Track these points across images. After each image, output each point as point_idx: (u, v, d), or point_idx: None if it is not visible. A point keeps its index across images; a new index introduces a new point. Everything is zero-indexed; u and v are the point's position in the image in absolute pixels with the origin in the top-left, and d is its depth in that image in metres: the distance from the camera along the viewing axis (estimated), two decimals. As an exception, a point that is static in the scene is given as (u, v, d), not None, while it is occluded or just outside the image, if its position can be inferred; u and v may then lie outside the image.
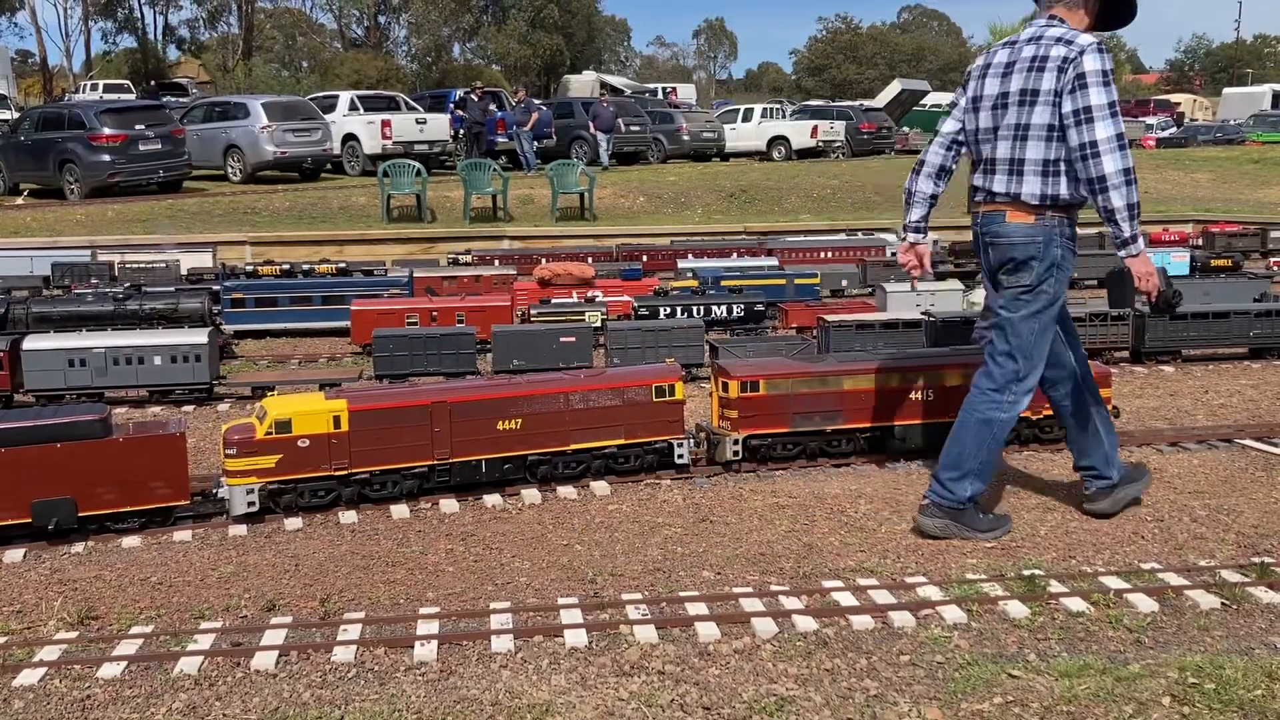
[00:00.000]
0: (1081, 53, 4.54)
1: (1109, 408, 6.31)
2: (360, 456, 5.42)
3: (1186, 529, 5.05)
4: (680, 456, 5.92)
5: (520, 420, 5.65)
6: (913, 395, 6.06)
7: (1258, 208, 19.34)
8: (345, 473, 5.41)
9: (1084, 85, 4.52)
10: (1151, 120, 44.41)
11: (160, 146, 20.37)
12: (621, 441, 5.83)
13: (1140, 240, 4.70)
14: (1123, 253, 4.69)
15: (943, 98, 43.05)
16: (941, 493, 4.91)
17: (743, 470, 5.97)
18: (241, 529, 5.19)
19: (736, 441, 5.93)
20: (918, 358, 6.36)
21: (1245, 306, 8.76)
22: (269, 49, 58.18)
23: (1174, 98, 58.28)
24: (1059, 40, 4.64)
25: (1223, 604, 4.21)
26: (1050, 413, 6.17)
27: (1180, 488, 5.63)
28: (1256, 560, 4.60)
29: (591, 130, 25.58)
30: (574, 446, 5.75)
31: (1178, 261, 12.34)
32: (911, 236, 5.17)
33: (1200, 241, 14.56)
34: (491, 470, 5.64)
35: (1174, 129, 43.76)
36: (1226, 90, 52.66)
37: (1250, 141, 34.78)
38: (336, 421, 5.37)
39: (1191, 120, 48.90)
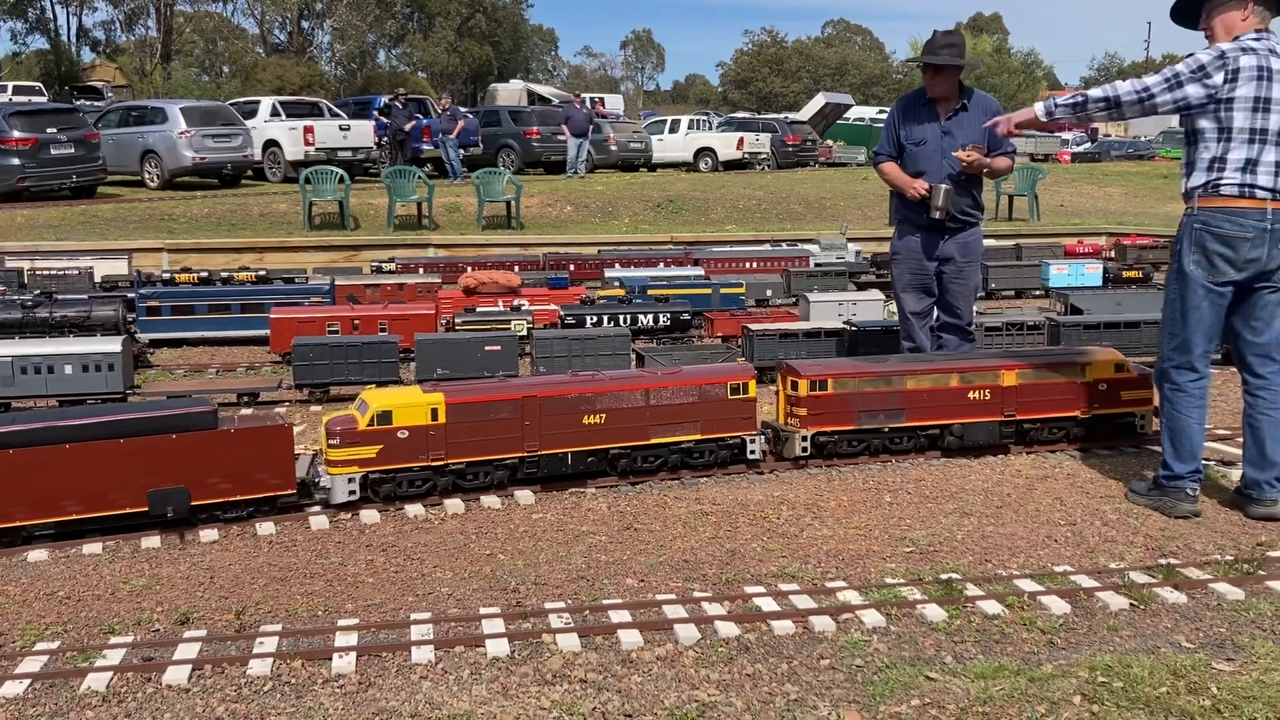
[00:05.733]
0: None
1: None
2: (455, 448, 5.57)
3: (1098, 532, 5.18)
4: (752, 452, 6.08)
5: (604, 415, 5.80)
6: (971, 395, 6.32)
7: (1167, 220, 19.94)
8: (441, 463, 5.57)
9: None
10: (1067, 136, 45.61)
11: (73, 151, 19.86)
12: (698, 437, 5.98)
13: None
14: None
15: (865, 111, 43.69)
16: None
17: (809, 466, 6.15)
18: (155, 540, 5.06)
19: (805, 438, 6.11)
20: (976, 359, 6.61)
21: (1155, 316, 8.97)
22: (189, 53, 57.09)
23: (1088, 114, 59.77)
24: None
25: (1131, 605, 4.32)
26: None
27: (1092, 492, 5.77)
28: (1163, 562, 4.74)
29: (565, 135, 25.14)
30: (653, 441, 5.89)
31: (1091, 273, 12.68)
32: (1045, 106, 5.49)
33: (1113, 253, 14.96)
34: (576, 463, 5.79)
35: (1088, 144, 45.05)
36: (1138, 107, 54.24)
37: (1160, 157, 35.94)
38: (434, 414, 5.53)
39: (1105, 136, 50.30)
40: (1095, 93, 5.35)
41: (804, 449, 6.12)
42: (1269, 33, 5.24)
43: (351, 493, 5.41)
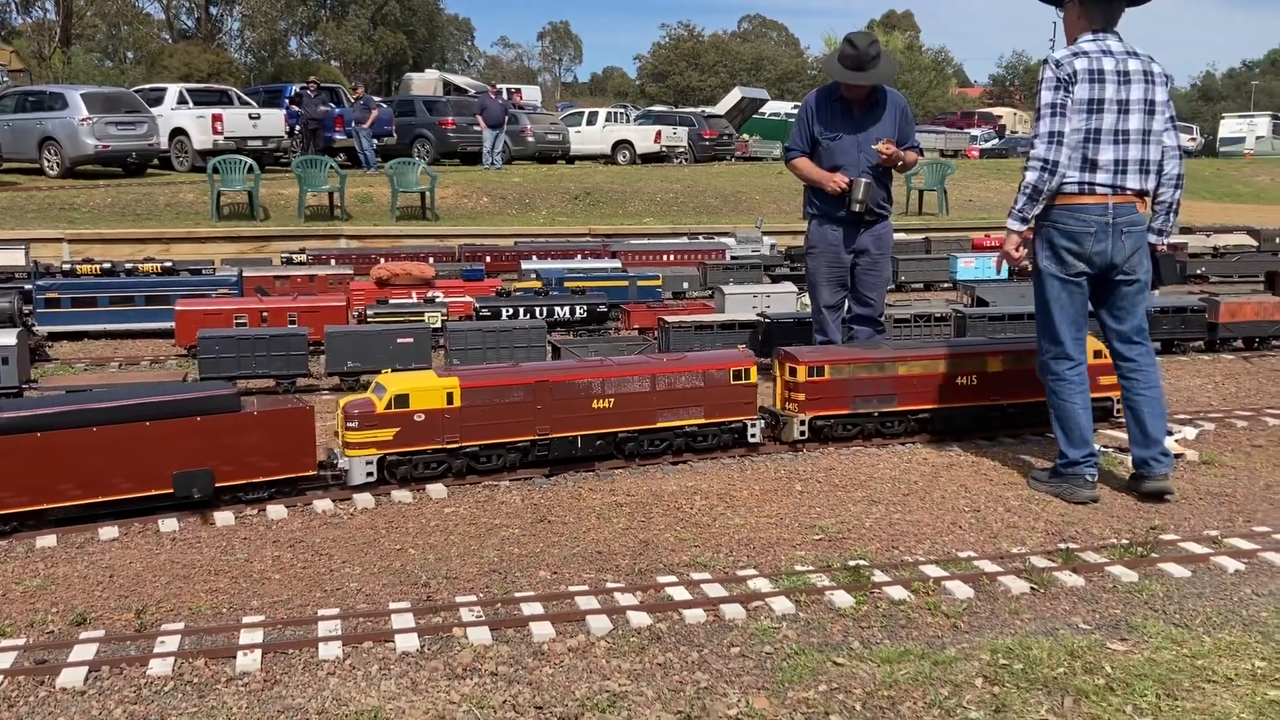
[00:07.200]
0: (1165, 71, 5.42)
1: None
2: (470, 431, 5.68)
3: (1001, 518, 5.31)
4: (753, 435, 6.24)
5: (613, 399, 5.92)
6: (959, 380, 6.53)
7: (1070, 216, 20.45)
8: (456, 446, 5.66)
9: (1170, 99, 5.47)
10: (975, 132, 46.65)
11: (-34, 137, 19.15)
12: (701, 421, 6.12)
13: None
14: (1162, 239, 5.63)
15: (781, 106, 44.11)
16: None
17: (806, 449, 6.33)
18: (50, 540, 4.90)
19: (803, 422, 6.28)
20: (964, 346, 6.78)
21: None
22: (90, 38, 55.26)
23: (996, 111, 61.32)
24: (1149, 57, 5.37)
25: (1031, 588, 4.44)
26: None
27: (996, 480, 5.92)
28: (1062, 546, 4.88)
29: (481, 125, 24.76)
30: (660, 425, 6.03)
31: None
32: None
33: (1018, 247, 15.31)
34: (586, 446, 5.90)
35: (996, 140, 46.12)
36: (1044, 105, 55.64)
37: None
38: (450, 397, 5.62)
39: (1012, 133, 51.49)
40: (1029, 176, 5.42)
41: (802, 433, 6.29)
42: (1107, 32, 5.42)
43: (369, 474, 5.49)
